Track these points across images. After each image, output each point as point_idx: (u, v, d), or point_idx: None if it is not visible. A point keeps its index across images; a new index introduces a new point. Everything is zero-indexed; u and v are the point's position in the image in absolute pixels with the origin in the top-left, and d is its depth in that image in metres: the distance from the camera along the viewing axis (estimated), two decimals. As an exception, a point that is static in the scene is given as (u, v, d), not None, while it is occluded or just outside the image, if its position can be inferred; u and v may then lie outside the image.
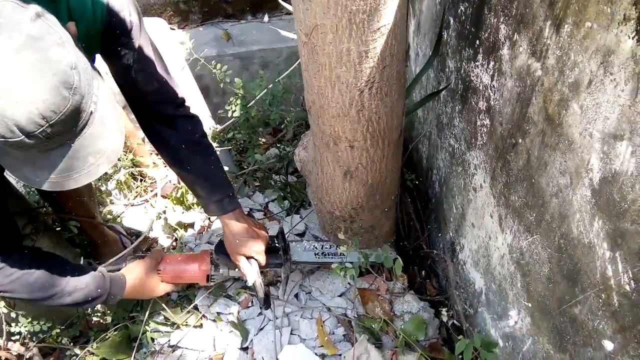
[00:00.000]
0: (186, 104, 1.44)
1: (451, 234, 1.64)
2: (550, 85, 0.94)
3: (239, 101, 1.96)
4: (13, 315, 1.42)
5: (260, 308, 1.70)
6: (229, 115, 2.01)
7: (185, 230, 2.01)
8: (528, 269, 1.14)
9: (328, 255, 1.70)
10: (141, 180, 2.39)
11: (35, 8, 0.91)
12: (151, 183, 2.36)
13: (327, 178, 1.45)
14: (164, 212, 2.10)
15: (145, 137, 1.50)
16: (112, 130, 1.06)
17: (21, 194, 1.74)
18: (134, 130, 2.31)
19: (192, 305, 1.71)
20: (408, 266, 1.82)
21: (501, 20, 1.09)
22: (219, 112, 2.25)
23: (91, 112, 0.99)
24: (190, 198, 2.11)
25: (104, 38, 1.21)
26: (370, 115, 1.21)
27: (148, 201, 2.25)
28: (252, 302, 1.73)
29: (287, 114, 2.17)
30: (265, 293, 1.57)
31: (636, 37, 0.70)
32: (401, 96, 1.26)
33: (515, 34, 1.04)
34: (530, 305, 1.15)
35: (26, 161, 1.00)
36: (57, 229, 1.84)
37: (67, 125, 0.95)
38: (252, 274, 1.51)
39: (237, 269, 1.56)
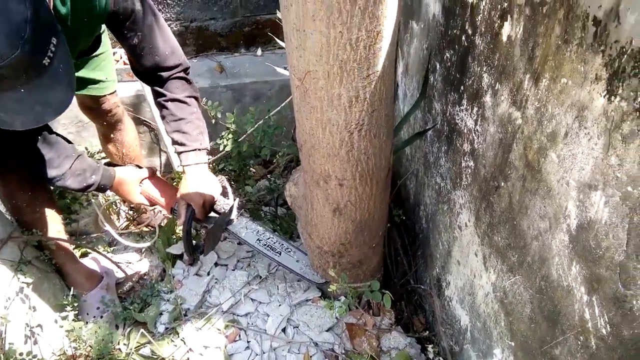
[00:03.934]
0: (181, 65, 1.65)
1: (437, 270, 1.67)
2: (530, 134, 0.99)
3: (230, 136, 2.00)
4: None
5: (184, 262, 1.98)
6: (220, 149, 2.04)
7: (173, 264, 2.01)
8: (511, 309, 1.16)
9: (267, 247, 1.81)
10: (131, 209, 2.40)
11: None
12: (141, 214, 2.37)
13: (316, 214, 1.48)
14: (154, 242, 2.10)
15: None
16: (63, 85, 1.17)
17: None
18: (139, 155, 2.32)
19: (179, 339, 1.71)
20: (395, 301, 1.84)
21: (484, 70, 1.15)
22: (211, 143, 2.29)
23: (44, 65, 1.10)
24: (179, 230, 2.12)
25: (110, 21, 1.43)
26: (359, 155, 1.25)
27: (140, 232, 2.25)
28: (239, 336, 1.73)
29: (278, 146, 2.21)
30: (196, 244, 1.81)
31: (607, 96, 0.75)
32: (389, 137, 1.31)
33: (497, 83, 1.10)
34: (513, 344, 1.18)
35: None
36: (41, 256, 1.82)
37: (15, 72, 1.06)
38: (182, 217, 1.71)
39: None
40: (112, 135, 2.14)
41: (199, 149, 1.71)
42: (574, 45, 0.82)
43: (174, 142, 1.71)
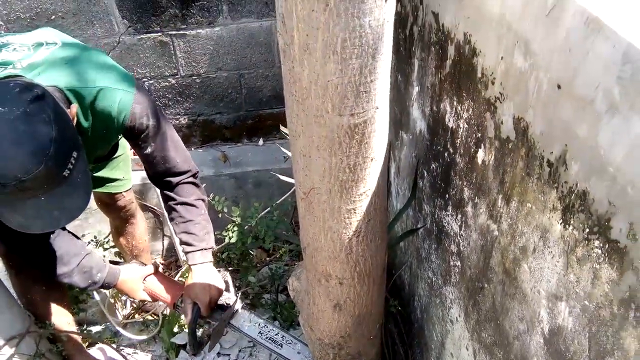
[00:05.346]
0: (190, 171, 1.79)
1: (433, 360, 1.76)
2: (505, 245, 1.14)
3: (235, 228, 2.14)
4: None
5: (187, 352, 2.01)
6: (226, 241, 2.18)
7: (177, 354, 2.07)
8: (501, 403, 1.25)
9: (269, 340, 1.88)
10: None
11: (38, 91, 1.20)
12: (145, 302, 2.45)
13: (318, 309, 1.59)
14: (159, 332, 2.18)
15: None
16: (80, 192, 1.31)
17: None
18: (147, 245, 2.44)
19: None
20: (393, 391, 1.90)
21: (464, 184, 1.32)
22: (216, 232, 2.43)
23: (64, 176, 1.23)
24: (183, 323, 2.20)
25: (126, 133, 1.57)
26: (357, 257, 1.39)
27: (144, 320, 2.32)
28: None
29: (280, 236, 2.35)
30: (200, 341, 1.88)
31: (562, 224, 0.91)
32: (383, 240, 1.46)
33: (476, 197, 1.26)
34: None
35: (5, 204, 1.23)
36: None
37: (38, 183, 1.18)
38: (188, 315, 1.79)
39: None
40: (124, 229, 2.27)
41: (205, 249, 1.82)
42: (534, 178, 0.99)
43: (182, 243, 1.82)
